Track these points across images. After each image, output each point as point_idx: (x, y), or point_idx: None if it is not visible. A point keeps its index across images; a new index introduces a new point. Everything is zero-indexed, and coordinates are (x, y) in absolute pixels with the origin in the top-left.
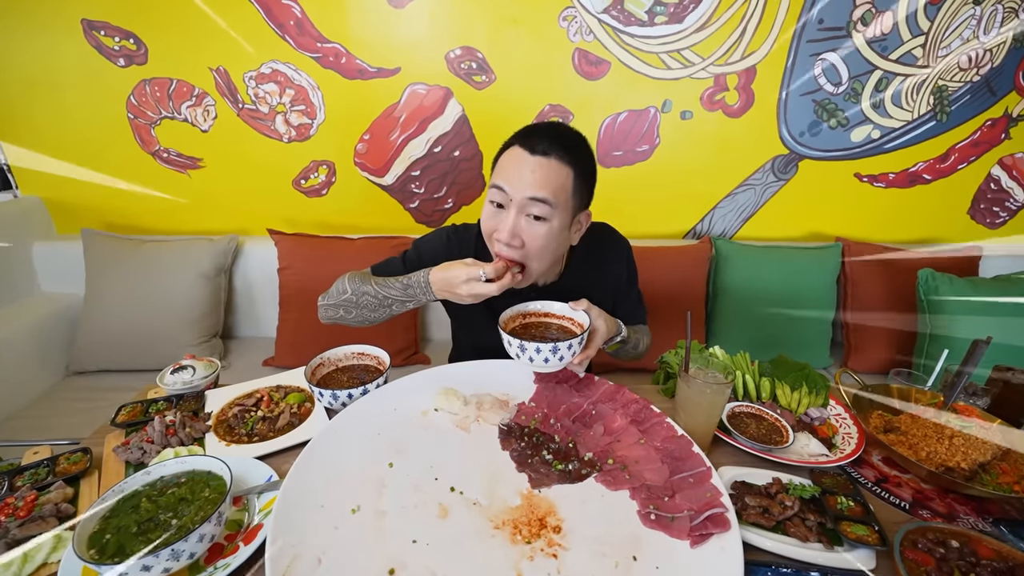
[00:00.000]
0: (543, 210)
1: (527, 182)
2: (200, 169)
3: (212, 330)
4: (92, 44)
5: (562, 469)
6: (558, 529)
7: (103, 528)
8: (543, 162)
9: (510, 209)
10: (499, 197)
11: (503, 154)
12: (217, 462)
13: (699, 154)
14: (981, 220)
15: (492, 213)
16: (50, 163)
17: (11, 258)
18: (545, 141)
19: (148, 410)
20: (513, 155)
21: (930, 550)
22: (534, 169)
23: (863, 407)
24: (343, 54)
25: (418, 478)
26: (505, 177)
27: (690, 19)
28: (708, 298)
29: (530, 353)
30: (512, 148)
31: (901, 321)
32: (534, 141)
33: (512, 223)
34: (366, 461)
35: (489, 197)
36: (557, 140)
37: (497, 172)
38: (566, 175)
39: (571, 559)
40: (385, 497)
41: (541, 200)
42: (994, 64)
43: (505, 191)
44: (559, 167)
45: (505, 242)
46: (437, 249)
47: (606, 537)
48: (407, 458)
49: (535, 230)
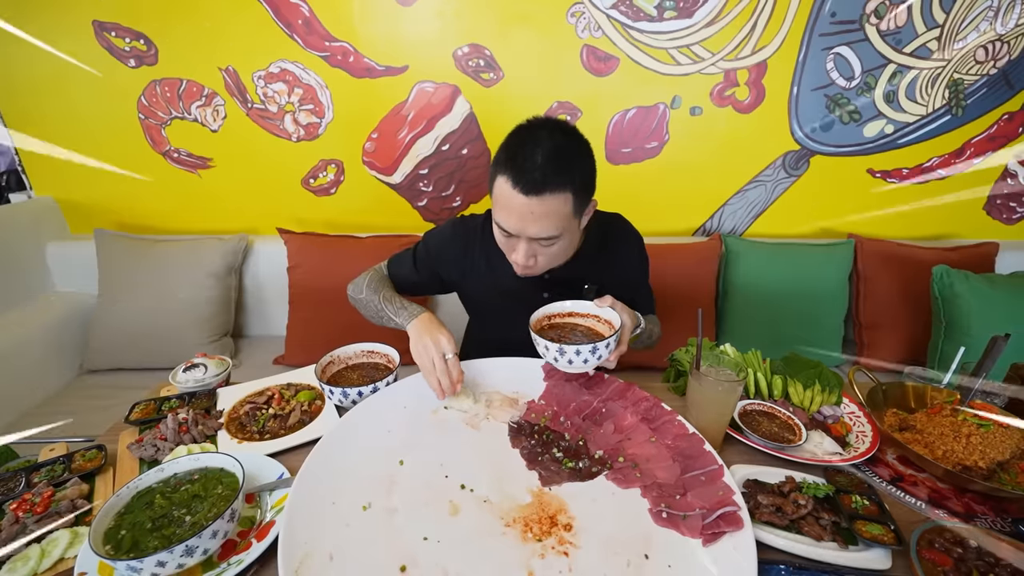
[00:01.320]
0: (550, 240)
1: (530, 227)
2: (210, 169)
3: (223, 329)
4: (103, 45)
5: (572, 467)
6: (569, 527)
7: (118, 524)
8: (539, 203)
9: (520, 240)
10: (506, 232)
11: (496, 180)
12: (229, 459)
13: (709, 150)
14: (997, 216)
15: (504, 240)
16: (63, 164)
17: (25, 258)
18: (536, 173)
19: (161, 408)
20: (506, 194)
21: (947, 550)
22: (532, 212)
23: (877, 405)
24: (351, 53)
25: (428, 476)
26: (506, 220)
27: (700, 14)
28: (718, 295)
29: (569, 356)
30: (504, 181)
31: (915, 318)
32: (525, 178)
33: (524, 252)
34: (376, 458)
35: (496, 225)
36: (548, 166)
37: (496, 204)
38: (563, 201)
39: (582, 557)
40: (395, 495)
41: (550, 238)
42: (1012, 56)
43: (511, 232)
44: (555, 200)
45: (522, 264)
46: (444, 241)
47: (617, 535)
48: (417, 456)
49: (548, 250)
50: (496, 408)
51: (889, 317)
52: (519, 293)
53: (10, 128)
